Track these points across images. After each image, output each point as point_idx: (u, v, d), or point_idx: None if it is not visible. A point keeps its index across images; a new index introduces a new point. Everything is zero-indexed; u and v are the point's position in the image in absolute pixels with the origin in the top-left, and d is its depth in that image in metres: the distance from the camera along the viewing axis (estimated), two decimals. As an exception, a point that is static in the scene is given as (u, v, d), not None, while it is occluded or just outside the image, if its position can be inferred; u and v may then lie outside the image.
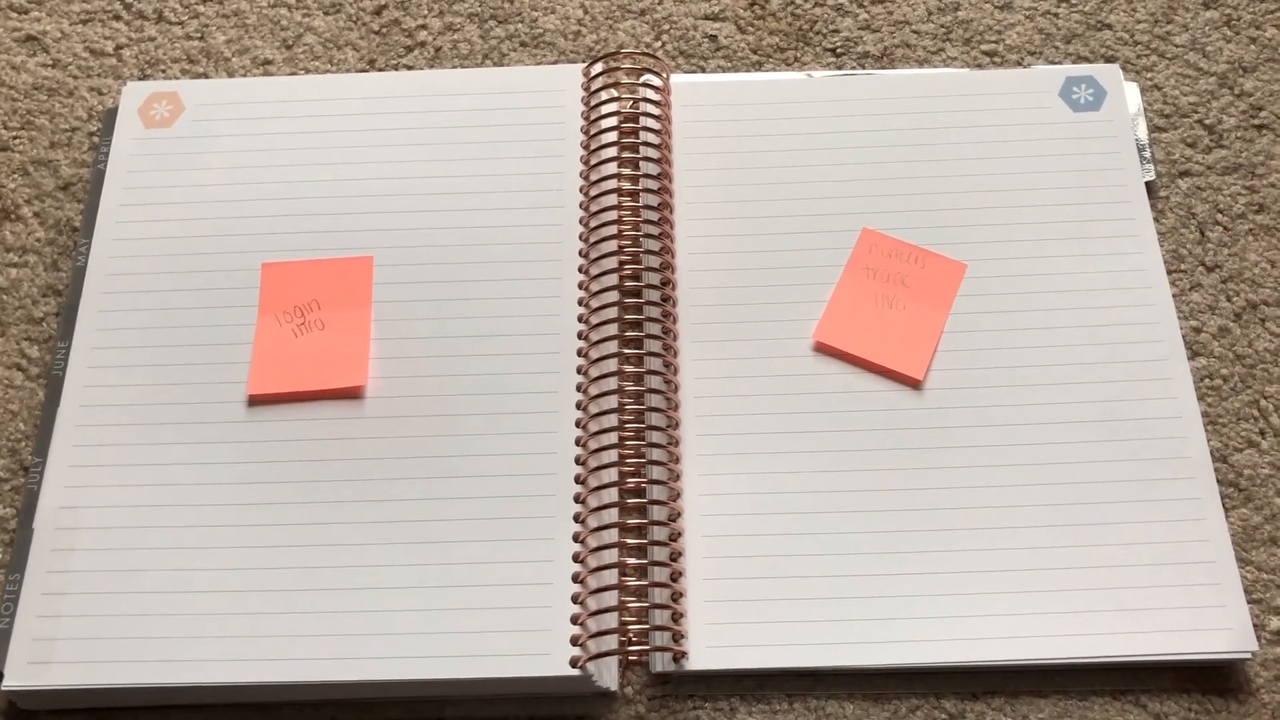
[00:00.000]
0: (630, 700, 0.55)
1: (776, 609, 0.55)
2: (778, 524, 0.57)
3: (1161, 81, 0.69)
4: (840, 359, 0.61)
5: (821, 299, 0.62)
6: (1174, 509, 0.57)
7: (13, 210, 0.67)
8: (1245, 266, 0.64)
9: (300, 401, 0.60)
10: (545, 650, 0.54)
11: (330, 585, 0.55)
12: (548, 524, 0.56)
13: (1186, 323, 0.63)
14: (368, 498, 0.57)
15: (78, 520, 0.57)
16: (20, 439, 0.61)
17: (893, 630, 0.55)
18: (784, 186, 0.65)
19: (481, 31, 0.72)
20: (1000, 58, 0.70)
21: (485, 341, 0.61)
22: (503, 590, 0.55)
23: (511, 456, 0.58)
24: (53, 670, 0.54)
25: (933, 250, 0.63)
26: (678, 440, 0.59)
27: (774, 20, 0.72)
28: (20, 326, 0.64)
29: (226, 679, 0.54)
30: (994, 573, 0.56)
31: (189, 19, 0.73)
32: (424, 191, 0.65)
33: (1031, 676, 0.55)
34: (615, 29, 0.72)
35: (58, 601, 0.55)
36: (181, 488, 0.58)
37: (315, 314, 0.62)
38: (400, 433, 0.59)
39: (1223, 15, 0.72)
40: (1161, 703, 0.55)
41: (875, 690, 0.55)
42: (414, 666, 0.54)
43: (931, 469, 0.58)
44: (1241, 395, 0.61)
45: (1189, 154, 0.67)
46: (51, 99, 0.70)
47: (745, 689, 0.55)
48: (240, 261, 0.63)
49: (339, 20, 0.73)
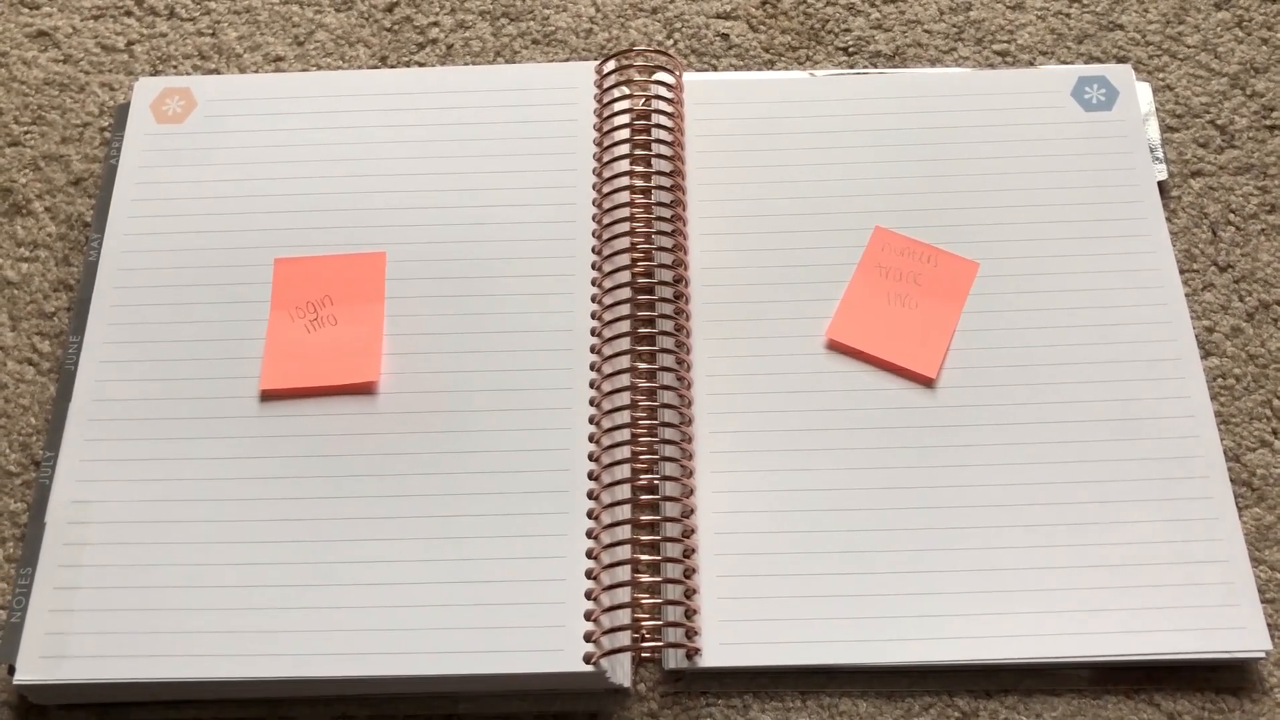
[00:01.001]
0: (643, 697, 0.55)
1: (789, 606, 0.55)
2: (790, 521, 0.57)
3: (1173, 82, 0.69)
4: (853, 357, 0.61)
5: (834, 297, 0.62)
6: (1187, 508, 0.57)
7: (24, 205, 0.67)
8: (1258, 266, 0.64)
9: (312, 397, 0.60)
10: (559, 646, 0.53)
11: (342, 581, 0.55)
12: (561, 520, 0.56)
13: (1199, 322, 0.63)
14: (380, 493, 0.57)
15: (89, 515, 0.57)
16: (32, 433, 0.61)
17: (905, 628, 0.55)
18: (796, 184, 0.65)
19: (493, 29, 0.72)
20: (1012, 57, 0.70)
21: (498, 338, 0.61)
22: (516, 586, 0.55)
23: (525, 453, 0.58)
24: (64, 664, 0.54)
25: (945, 249, 0.63)
26: (690, 437, 0.59)
27: (786, 19, 0.72)
28: (32, 321, 0.64)
29: (238, 674, 0.54)
30: (1006, 571, 0.56)
31: (200, 15, 0.73)
32: (436, 188, 0.65)
33: (1044, 675, 0.55)
34: (627, 27, 0.72)
35: (69, 596, 0.55)
36: (193, 483, 0.58)
37: (328, 309, 0.62)
38: (413, 429, 0.59)
39: (1234, 16, 0.72)
40: (1175, 701, 0.54)
41: (888, 688, 0.55)
42: (427, 662, 0.53)
43: (944, 467, 0.58)
44: (1254, 395, 0.61)
45: (1201, 154, 0.67)
46: (63, 94, 0.70)
47: (758, 686, 0.55)
48: (252, 257, 0.63)
49: (351, 17, 0.73)
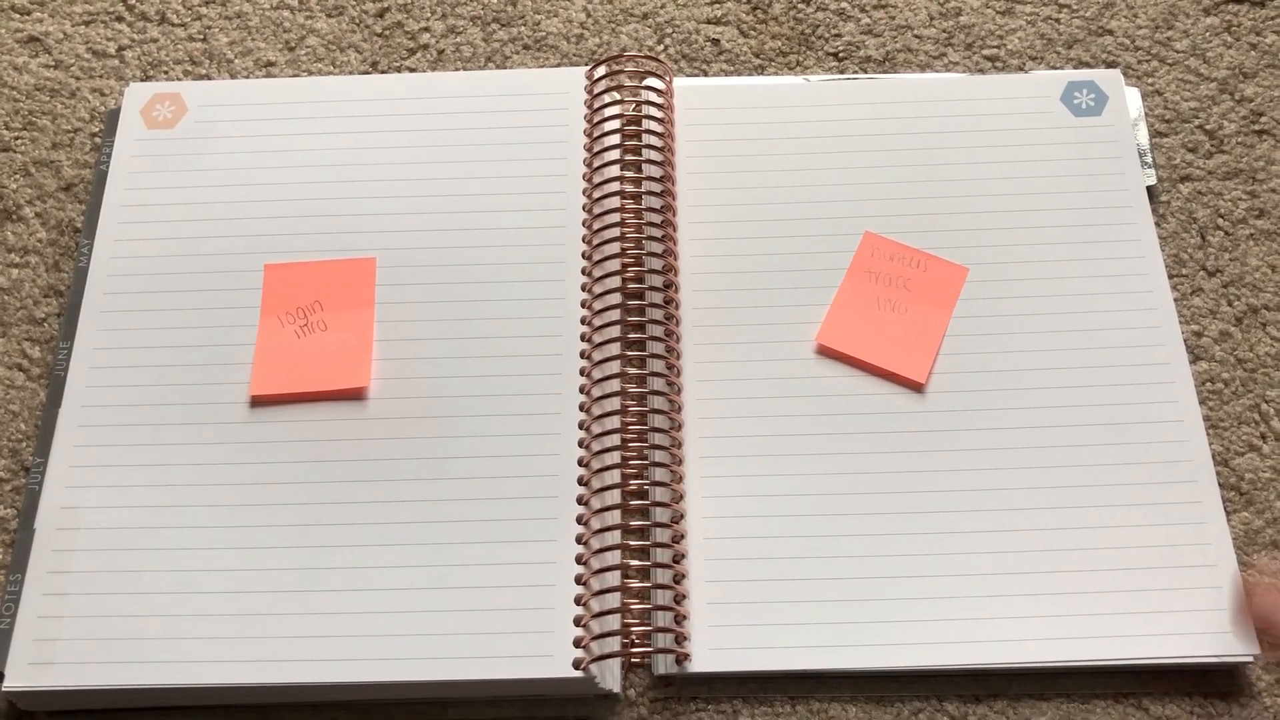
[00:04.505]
0: (633, 702, 0.55)
1: (779, 611, 0.55)
2: (780, 526, 0.57)
3: (1162, 87, 0.70)
4: (842, 362, 0.61)
5: (824, 302, 0.62)
6: (1176, 513, 0.57)
7: (14, 211, 0.67)
8: (1246, 271, 0.65)
9: (302, 403, 0.60)
10: (548, 652, 0.53)
11: (332, 587, 0.55)
12: (551, 525, 0.56)
13: (1188, 327, 0.63)
14: (370, 499, 0.57)
15: (79, 521, 0.57)
16: (21, 439, 0.61)
17: (895, 633, 0.55)
18: (786, 190, 0.65)
19: (484, 34, 0.72)
20: (1002, 63, 0.71)
21: (488, 343, 0.61)
22: (505, 591, 0.55)
23: (514, 458, 0.58)
24: (53, 671, 0.54)
25: (935, 254, 0.63)
26: (680, 442, 0.59)
27: (776, 24, 0.72)
28: (22, 327, 0.64)
29: (228, 680, 0.53)
30: (996, 576, 0.56)
31: (191, 20, 0.73)
32: (427, 193, 0.65)
33: (1034, 679, 0.55)
34: (618, 32, 0.72)
35: (59, 602, 0.55)
36: (183, 488, 0.58)
37: (318, 315, 0.62)
38: (402, 434, 0.59)
39: (1223, 21, 0.72)
40: (1164, 706, 0.55)
41: (878, 693, 0.55)
42: (416, 668, 0.53)
43: (933, 472, 0.58)
44: (1243, 399, 0.61)
45: (1190, 159, 0.68)
46: (54, 100, 0.70)
47: (748, 691, 0.55)
48: (243, 263, 0.63)
49: (341, 23, 0.73)
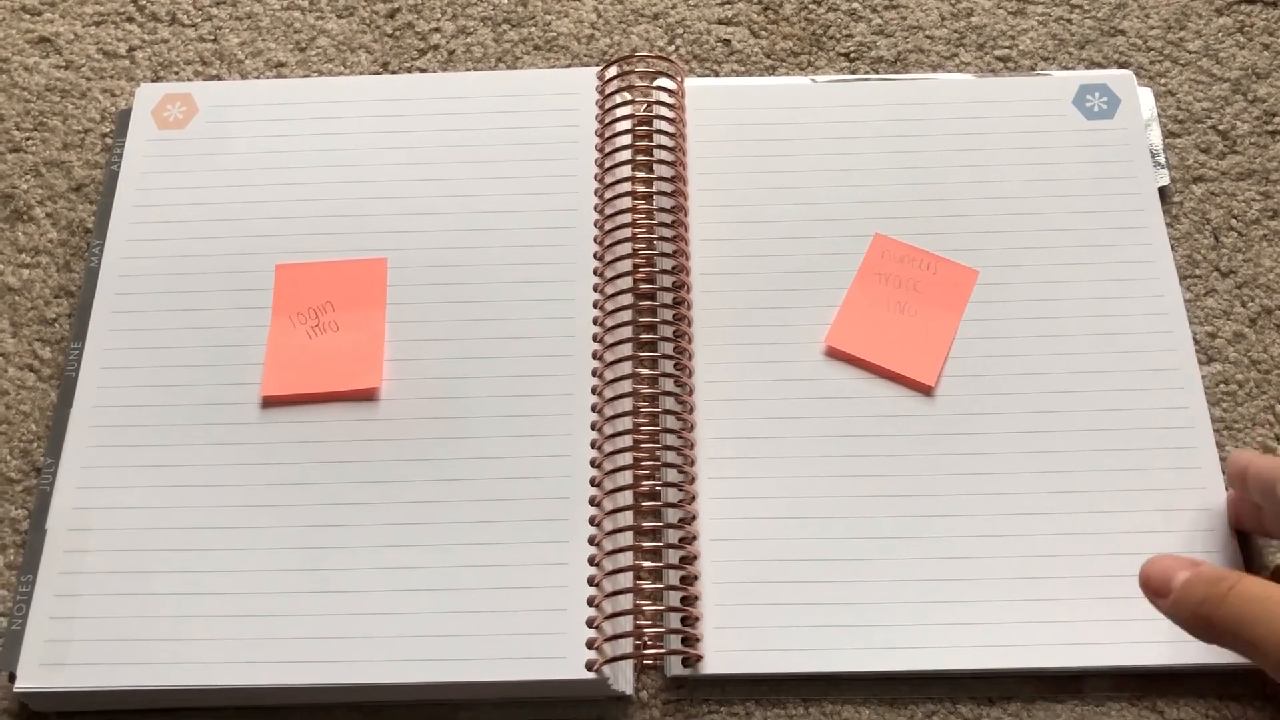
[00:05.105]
0: (645, 704, 0.55)
1: (792, 613, 0.55)
2: (792, 528, 0.57)
3: (1175, 87, 0.69)
4: (852, 364, 0.61)
5: (833, 304, 0.62)
6: (1188, 518, 0.57)
7: (25, 211, 0.67)
8: (1260, 272, 0.64)
9: (314, 403, 0.60)
10: (560, 653, 0.53)
11: (343, 588, 0.55)
12: (563, 527, 0.56)
13: (1201, 328, 0.63)
14: (381, 500, 0.57)
15: (90, 521, 0.57)
16: (33, 440, 0.61)
17: (908, 635, 0.54)
18: (796, 191, 0.65)
19: (495, 35, 0.72)
20: (1013, 63, 0.70)
21: (500, 344, 0.61)
22: (517, 593, 0.55)
23: (526, 459, 0.58)
24: (65, 672, 0.54)
25: (945, 256, 0.63)
26: (692, 443, 0.59)
27: (787, 25, 0.72)
28: (33, 327, 0.64)
29: (239, 681, 0.53)
30: (1009, 579, 0.55)
31: (202, 21, 0.73)
32: (438, 194, 0.65)
33: (1048, 683, 0.55)
34: (629, 33, 0.72)
35: (70, 603, 0.55)
36: (194, 489, 0.58)
37: (329, 316, 0.62)
38: (414, 435, 0.59)
39: (1236, 21, 0.72)
40: (1179, 709, 0.54)
41: (891, 695, 0.55)
42: (427, 669, 0.53)
43: (943, 474, 0.58)
44: (1257, 400, 0.61)
45: (1203, 160, 0.67)
46: (64, 100, 0.70)
47: (760, 693, 0.55)
48: (254, 263, 0.63)
49: (352, 23, 0.73)
